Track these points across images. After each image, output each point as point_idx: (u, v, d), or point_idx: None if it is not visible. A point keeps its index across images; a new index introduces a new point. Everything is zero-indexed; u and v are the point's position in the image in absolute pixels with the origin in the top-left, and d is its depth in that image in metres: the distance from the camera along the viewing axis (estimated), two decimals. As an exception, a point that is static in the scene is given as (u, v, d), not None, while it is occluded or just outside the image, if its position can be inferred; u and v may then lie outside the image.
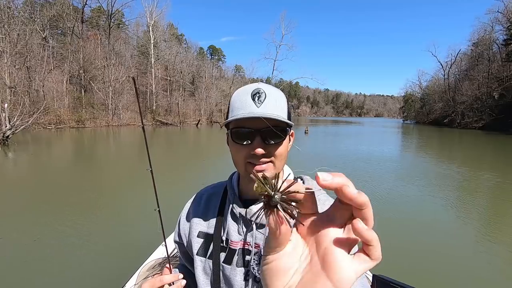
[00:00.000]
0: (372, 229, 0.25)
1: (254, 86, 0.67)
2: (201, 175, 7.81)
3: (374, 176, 8.06)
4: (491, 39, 38.49)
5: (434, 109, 49.92)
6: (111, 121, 27.23)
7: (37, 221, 4.46)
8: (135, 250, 3.20)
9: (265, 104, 0.63)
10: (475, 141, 21.53)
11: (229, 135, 0.69)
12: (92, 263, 3.27)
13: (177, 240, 0.85)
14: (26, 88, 21.68)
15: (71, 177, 7.58)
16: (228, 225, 0.73)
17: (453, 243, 3.98)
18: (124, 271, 2.16)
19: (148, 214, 4.29)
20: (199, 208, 0.81)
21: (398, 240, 3.96)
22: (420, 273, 3.12)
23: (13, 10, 22.73)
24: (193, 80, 40.85)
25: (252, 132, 0.63)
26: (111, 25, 32.95)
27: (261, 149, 0.63)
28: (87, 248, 3.62)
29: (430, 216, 5.06)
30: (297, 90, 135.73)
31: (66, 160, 10.67)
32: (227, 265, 0.70)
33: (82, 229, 4.18)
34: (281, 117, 0.62)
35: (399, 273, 2.72)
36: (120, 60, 31.17)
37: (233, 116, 0.64)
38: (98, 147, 14.67)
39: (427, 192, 6.59)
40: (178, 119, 32.34)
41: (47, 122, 21.71)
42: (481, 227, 4.63)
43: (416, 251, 3.66)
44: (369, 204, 0.24)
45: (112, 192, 6.54)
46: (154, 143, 16.08)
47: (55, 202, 5.34)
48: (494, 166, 10.16)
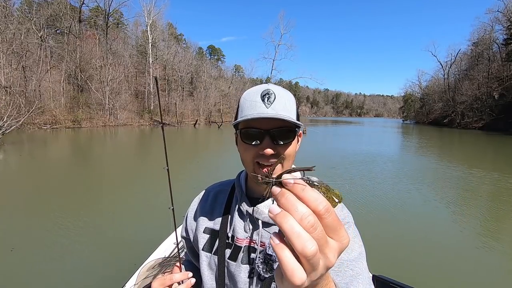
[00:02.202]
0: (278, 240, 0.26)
1: (263, 87, 0.67)
2: (196, 177, 7.68)
3: (374, 176, 7.97)
4: (491, 38, 38.33)
5: (434, 109, 49.76)
6: (108, 121, 27.00)
7: (35, 221, 4.38)
8: (135, 250, 3.23)
9: (274, 105, 0.63)
10: (476, 141, 21.41)
11: (238, 135, 0.70)
12: (92, 263, 3.27)
13: (184, 235, 0.87)
14: (22, 88, 21.47)
15: (63, 178, 7.43)
16: (234, 222, 0.74)
17: (453, 243, 3.95)
18: (124, 271, 2.19)
19: (148, 214, 4.06)
20: (206, 205, 0.82)
21: (398, 240, 3.98)
22: (420, 273, 3.11)
23: (9, 9, 22.53)
24: (192, 80, 40.64)
25: (261, 133, 0.64)
26: (109, 25, 32.75)
27: (270, 149, 0.63)
28: (87, 248, 3.61)
29: (430, 216, 5.02)
30: (297, 90, 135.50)
31: (58, 160, 10.45)
32: (232, 262, 0.71)
33: (82, 229, 4.15)
34: (290, 118, 0.62)
35: (399, 273, 2.65)
36: (118, 59, 30.98)
37: (243, 116, 0.64)
38: (93, 147, 14.46)
39: (427, 192, 6.54)
40: (175, 119, 32.14)
41: (42, 122, 21.49)
42: (481, 227, 4.58)
43: (416, 251, 3.64)
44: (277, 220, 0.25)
45: (112, 192, 6.45)
46: (153, 143, 15.88)
47: (45, 204, 5.20)
48: (495, 166, 10.02)
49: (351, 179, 7.63)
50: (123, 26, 40.08)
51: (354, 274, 0.60)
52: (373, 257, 3.14)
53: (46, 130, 21.00)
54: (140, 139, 18.24)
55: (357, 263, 0.61)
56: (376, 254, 3.37)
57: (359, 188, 6.70)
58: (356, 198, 5.89)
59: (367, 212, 5.10)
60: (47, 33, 26.47)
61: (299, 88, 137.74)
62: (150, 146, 14.60)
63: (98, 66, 27.91)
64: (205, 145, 17.60)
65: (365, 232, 3.07)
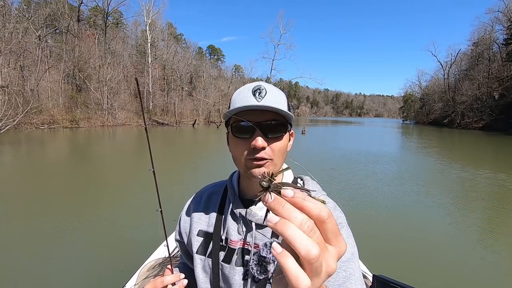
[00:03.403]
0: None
1: (255, 83, 0.68)
2: (192, 178, 7.63)
3: (374, 177, 7.91)
4: (491, 38, 38.22)
5: (434, 109, 49.65)
6: (106, 121, 26.88)
7: (32, 222, 4.35)
8: (135, 250, 3.22)
9: (265, 99, 0.64)
10: (476, 141, 21.33)
11: (229, 131, 0.70)
12: (92, 263, 3.25)
13: (178, 238, 0.86)
14: (19, 88, 21.35)
15: (58, 178, 7.34)
16: (228, 224, 0.73)
17: (453, 243, 3.94)
18: (124, 271, 2.17)
19: (148, 214, 3.77)
20: (199, 207, 0.82)
21: (398, 240, 3.97)
22: (420, 273, 3.08)
23: (8, 8, 22.40)
24: (191, 80, 40.51)
25: (252, 126, 0.64)
26: (108, 24, 32.64)
27: (262, 141, 0.63)
28: (87, 248, 3.60)
29: (430, 216, 4.99)
30: (297, 90, 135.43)
31: (52, 160, 10.33)
32: (226, 264, 0.71)
33: (82, 229, 4.13)
34: (281, 110, 0.63)
35: (399, 273, 2.64)
36: (117, 59, 30.86)
37: (234, 109, 0.65)
38: (90, 147, 14.34)
39: (427, 192, 6.52)
40: (174, 119, 32.02)
41: (40, 122, 21.36)
42: (482, 227, 4.55)
43: (416, 251, 3.61)
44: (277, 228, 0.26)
45: (112, 192, 6.42)
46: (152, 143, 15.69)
47: (41, 205, 5.11)
48: (495, 166, 9.90)
49: (351, 179, 7.55)
50: (123, 26, 39.99)
51: (347, 275, 0.60)
52: (373, 257, 2.98)
53: (43, 130, 20.88)
54: (138, 139, 18.12)
55: (350, 264, 0.62)
56: (376, 254, 3.35)
57: (359, 188, 6.65)
58: (356, 198, 5.85)
59: (367, 212, 5.06)
60: (46, 33, 26.33)
61: (299, 88, 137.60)
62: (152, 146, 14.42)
63: (96, 66, 27.79)
64: (203, 145, 17.48)
65: (365, 232, 3.19)
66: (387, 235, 4.15)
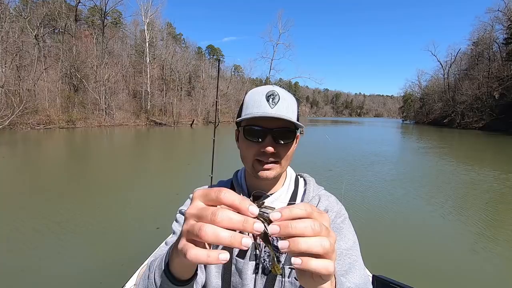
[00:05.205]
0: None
1: (269, 87, 0.70)
2: (188, 179, 7.51)
3: (374, 177, 7.85)
4: (491, 38, 38.06)
5: (434, 109, 49.47)
6: (103, 121, 26.67)
7: (31, 222, 4.31)
8: (135, 250, 3.25)
9: (278, 106, 0.67)
10: (476, 140, 21.23)
11: (240, 131, 0.72)
12: (92, 263, 3.25)
13: (178, 231, 0.87)
14: (16, 87, 21.12)
15: (54, 178, 7.30)
16: None
17: (453, 243, 4.03)
18: (124, 271, 2.20)
19: (148, 214, 3.90)
20: None
21: (398, 240, 4.00)
22: (420, 273, 3.10)
23: (5, 6, 22.18)
24: (190, 80, 40.31)
25: (264, 131, 0.67)
26: (106, 24, 32.46)
27: (271, 147, 0.67)
28: (87, 248, 3.61)
29: (430, 217, 5.00)
30: (297, 90, 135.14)
31: (45, 161, 10.13)
32: (240, 259, 0.72)
33: (82, 229, 4.12)
34: (293, 119, 0.67)
35: (399, 273, 2.64)
36: (115, 59, 30.66)
37: (248, 114, 0.68)
38: (89, 147, 14.17)
39: (427, 193, 6.52)
40: (172, 119, 31.80)
41: (35, 122, 21.16)
42: (481, 227, 4.55)
43: (416, 252, 3.62)
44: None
45: (111, 192, 6.39)
46: (150, 143, 15.62)
47: (35, 205, 5.06)
48: (495, 166, 9.74)
49: (351, 179, 7.47)
50: (122, 25, 39.80)
51: (351, 262, 0.66)
52: (373, 257, 2.86)
53: (39, 130, 20.68)
54: (135, 139, 17.93)
55: (353, 251, 0.68)
56: (376, 254, 3.36)
57: (359, 189, 6.61)
58: (357, 198, 5.85)
59: (367, 212, 5.07)
60: (44, 32, 26.12)
61: (298, 88, 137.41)
62: (147, 146, 14.36)
63: (94, 66, 27.58)
64: (201, 145, 17.27)
65: (365, 232, 3.04)
66: (387, 236, 4.16)
